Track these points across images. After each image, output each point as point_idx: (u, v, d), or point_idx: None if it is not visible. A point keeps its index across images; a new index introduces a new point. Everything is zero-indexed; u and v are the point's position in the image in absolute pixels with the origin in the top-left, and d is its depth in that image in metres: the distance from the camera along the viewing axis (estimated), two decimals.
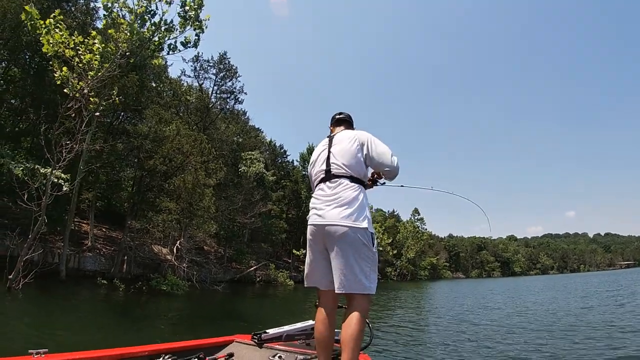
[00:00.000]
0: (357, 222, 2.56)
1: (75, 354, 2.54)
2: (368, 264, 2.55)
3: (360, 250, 2.54)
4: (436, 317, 16.02)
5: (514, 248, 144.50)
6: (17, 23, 18.10)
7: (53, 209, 17.93)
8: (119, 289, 17.96)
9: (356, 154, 2.79)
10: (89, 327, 9.85)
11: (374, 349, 8.72)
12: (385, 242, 50.77)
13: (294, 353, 3.19)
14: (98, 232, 23.43)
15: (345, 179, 2.72)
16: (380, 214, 63.63)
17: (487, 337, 10.77)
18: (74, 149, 14.06)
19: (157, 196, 22.08)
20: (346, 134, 2.94)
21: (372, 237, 2.62)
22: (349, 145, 2.82)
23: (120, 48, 16.84)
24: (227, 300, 20.95)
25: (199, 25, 18.99)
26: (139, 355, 2.80)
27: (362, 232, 2.55)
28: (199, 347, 3.19)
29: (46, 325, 9.18)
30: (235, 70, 32.46)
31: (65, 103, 14.15)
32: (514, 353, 8.46)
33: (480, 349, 9.09)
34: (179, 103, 29.82)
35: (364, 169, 2.85)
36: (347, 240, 2.53)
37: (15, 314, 10.39)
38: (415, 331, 12.12)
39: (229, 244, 33.64)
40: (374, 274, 2.58)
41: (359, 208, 2.61)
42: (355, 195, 2.65)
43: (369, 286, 2.52)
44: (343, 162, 2.77)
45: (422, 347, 9.48)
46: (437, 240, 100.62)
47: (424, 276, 74.78)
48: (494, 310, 17.93)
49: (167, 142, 21.27)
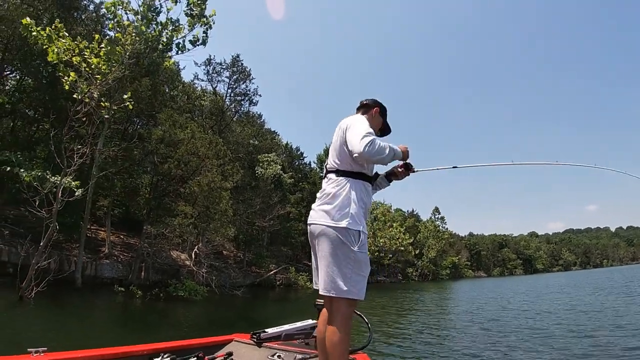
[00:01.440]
0: (334, 221, 2.41)
1: (75, 352, 2.50)
2: (349, 265, 2.37)
3: (339, 250, 2.38)
4: (457, 320, 15.07)
5: (536, 245, 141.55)
6: (24, 35, 17.92)
7: (68, 215, 17.52)
8: (136, 296, 17.42)
9: (340, 144, 2.60)
10: (103, 337, 9.26)
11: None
12: (406, 242, 49.63)
13: (293, 352, 3.18)
14: (116, 239, 23.00)
15: (332, 173, 2.60)
16: (399, 213, 62.32)
17: (512, 345, 9.88)
18: (85, 154, 13.59)
19: (173, 201, 21.62)
20: (342, 122, 2.70)
21: (357, 235, 2.41)
22: (336, 136, 2.66)
23: (127, 50, 16.52)
24: (247, 305, 20.36)
25: (206, 22, 18.60)
26: (138, 354, 2.77)
27: (342, 231, 2.38)
28: (198, 346, 3.15)
29: (56, 335, 8.65)
30: (248, 73, 31.97)
31: (74, 107, 13.72)
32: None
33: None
34: (193, 107, 29.41)
35: (349, 157, 2.56)
36: (325, 240, 2.42)
37: (23, 324, 9.80)
38: (434, 337, 11.32)
39: (248, 247, 33.06)
40: (356, 276, 2.38)
41: (340, 204, 2.44)
42: (335, 191, 2.49)
43: (348, 289, 2.33)
44: (332, 155, 2.65)
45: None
46: (458, 239, 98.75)
47: (445, 276, 73.18)
48: (520, 312, 16.76)
49: (182, 145, 20.82)
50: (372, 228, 45.46)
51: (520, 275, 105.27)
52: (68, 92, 14.34)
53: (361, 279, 2.41)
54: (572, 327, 11.48)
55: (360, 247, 2.41)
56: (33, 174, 13.46)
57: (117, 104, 16.96)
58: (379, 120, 2.91)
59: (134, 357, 2.75)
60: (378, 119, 2.90)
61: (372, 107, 2.90)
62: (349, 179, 2.53)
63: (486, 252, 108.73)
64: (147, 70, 20.70)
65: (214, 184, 20.73)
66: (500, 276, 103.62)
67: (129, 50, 16.42)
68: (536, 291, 29.60)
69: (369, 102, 2.92)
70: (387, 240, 45.30)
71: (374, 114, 2.87)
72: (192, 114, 28.86)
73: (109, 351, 2.65)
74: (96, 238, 21.58)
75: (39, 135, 22.07)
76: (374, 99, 2.95)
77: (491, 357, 8.17)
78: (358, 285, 2.38)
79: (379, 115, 2.91)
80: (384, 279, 56.88)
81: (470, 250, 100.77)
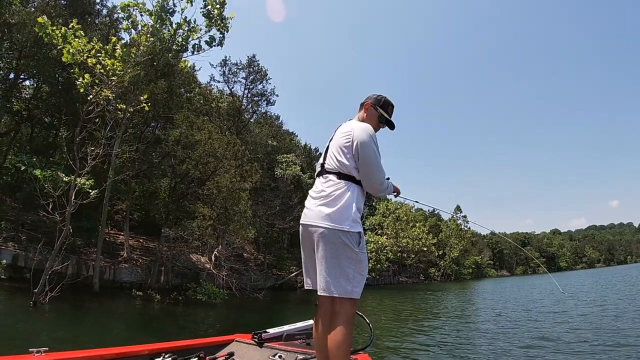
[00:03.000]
0: (337, 224, 2.41)
1: (76, 352, 2.47)
2: (351, 266, 2.39)
3: (340, 251, 2.39)
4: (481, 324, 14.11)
5: (559, 242, 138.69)
6: (38, 36, 17.75)
7: (85, 220, 17.11)
8: (154, 300, 16.82)
9: (346, 149, 2.58)
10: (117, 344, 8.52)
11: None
12: (429, 242, 48.27)
13: (294, 352, 3.15)
14: (135, 242, 22.53)
15: (333, 175, 2.58)
16: (420, 213, 60.92)
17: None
18: (98, 155, 13.02)
19: (192, 203, 21.10)
20: (347, 125, 2.73)
21: (358, 237, 2.44)
22: (342, 139, 2.62)
23: (142, 50, 16.09)
24: (268, 307, 19.72)
25: (224, 24, 18.03)
26: (139, 354, 2.73)
27: (345, 233, 2.39)
28: (200, 346, 3.11)
29: (68, 342, 8.03)
30: (265, 73, 31.30)
31: (86, 107, 13.19)
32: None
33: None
34: (210, 109, 28.92)
35: (353, 166, 2.57)
36: (326, 241, 2.41)
37: (32, 329, 9.20)
38: (455, 344, 10.41)
39: (268, 249, 32.46)
40: (359, 276, 2.41)
41: (342, 207, 2.45)
42: (339, 193, 2.49)
43: (350, 289, 2.37)
44: (335, 156, 2.63)
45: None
46: (480, 238, 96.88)
47: (467, 275, 71.42)
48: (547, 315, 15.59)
49: (199, 146, 20.30)
50: (394, 228, 44.38)
51: (543, 274, 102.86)
52: (83, 96, 13.90)
53: (362, 278, 2.43)
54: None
55: (360, 248, 2.43)
56: (46, 173, 12.96)
57: (133, 106, 16.56)
58: (372, 113, 2.88)
59: (135, 357, 2.70)
60: (372, 113, 2.88)
61: (364, 104, 2.91)
62: (350, 183, 2.53)
63: (509, 250, 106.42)
64: (162, 72, 20.32)
65: (233, 185, 20.13)
66: (523, 275, 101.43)
67: (143, 50, 16.00)
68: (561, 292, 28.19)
69: (364, 101, 2.94)
70: (410, 241, 44.12)
71: (367, 108, 2.88)
72: (210, 116, 28.37)
73: (110, 351, 2.61)
74: (115, 242, 21.13)
75: (55, 141, 21.85)
76: (370, 95, 2.96)
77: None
78: (360, 285, 2.41)
79: (372, 109, 2.88)
80: (405, 279, 55.74)
81: (493, 249, 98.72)
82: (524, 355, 8.26)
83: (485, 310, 18.45)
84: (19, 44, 18.68)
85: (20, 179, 17.49)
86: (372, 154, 2.57)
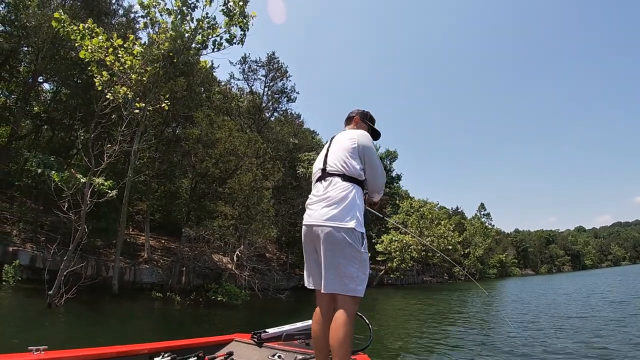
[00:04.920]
0: (342, 222, 2.44)
1: (75, 351, 2.43)
2: (355, 265, 2.42)
3: (346, 250, 2.41)
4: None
5: (584, 240, 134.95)
6: (56, 30, 17.41)
7: (104, 220, 16.57)
8: (174, 302, 16.13)
9: (352, 152, 2.66)
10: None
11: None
12: (455, 241, 46.74)
13: (293, 352, 3.12)
14: (156, 243, 21.95)
15: (337, 177, 2.61)
16: (444, 211, 59.25)
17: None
18: (115, 152, 12.36)
19: (213, 202, 20.45)
20: (348, 132, 2.83)
21: (361, 237, 2.47)
22: (347, 143, 2.70)
23: (162, 48, 15.59)
24: (290, 308, 18.99)
25: (245, 23, 17.34)
26: (138, 353, 2.67)
27: (349, 232, 2.42)
28: (199, 345, 3.05)
29: (77, 345, 7.21)
30: (285, 70, 30.65)
31: (100, 102, 12.57)
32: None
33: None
34: (230, 108, 28.31)
35: (359, 168, 2.65)
36: (331, 241, 2.43)
37: (42, 333, 8.46)
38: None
39: (290, 249, 31.63)
40: (362, 275, 2.45)
41: (347, 207, 2.48)
42: (345, 194, 2.52)
43: (354, 287, 2.40)
44: (338, 159, 2.66)
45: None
46: (504, 236, 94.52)
47: (492, 274, 69.33)
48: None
49: (220, 144, 19.65)
50: (418, 226, 43.11)
51: (569, 272, 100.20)
52: (101, 96, 13.36)
53: (365, 277, 2.46)
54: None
55: (364, 248, 2.48)
56: (63, 175, 12.37)
57: (152, 105, 16.01)
58: (363, 126, 3.04)
59: (135, 357, 2.66)
60: (362, 125, 3.04)
61: (353, 117, 3.09)
62: (354, 185, 2.58)
63: (533, 248, 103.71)
64: (182, 71, 19.77)
65: (255, 184, 19.41)
66: (548, 273, 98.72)
67: (163, 47, 15.46)
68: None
69: (351, 115, 3.12)
70: (435, 239, 42.79)
71: (357, 121, 3.06)
72: (230, 114, 27.78)
73: (109, 350, 2.56)
74: (136, 243, 20.56)
75: (75, 142, 21.56)
76: (357, 109, 3.14)
77: None
78: (363, 284, 2.44)
79: (362, 122, 3.06)
80: (429, 279, 54.41)
81: (517, 247, 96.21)
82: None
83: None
84: (36, 47, 18.38)
85: (39, 180, 17.12)
86: (376, 157, 2.74)
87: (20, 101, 19.94)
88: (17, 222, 16.17)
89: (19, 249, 14.52)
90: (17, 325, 9.15)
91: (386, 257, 41.88)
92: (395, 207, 47.69)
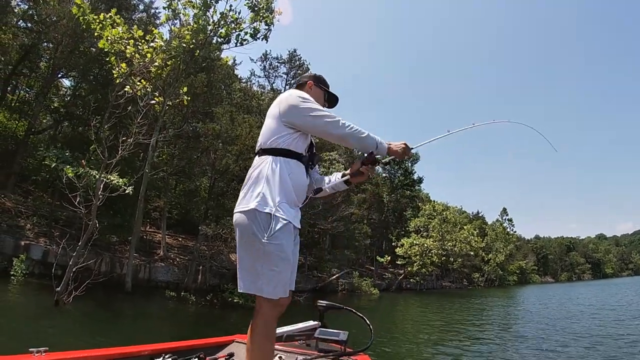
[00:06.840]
0: (244, 205, 1.99)
1: (76, 352, 2.33)
2: (259, 259, 1.92)
3: (247, 240, 1.95)
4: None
5: (605, 247, 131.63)
6: (73, 30, 17.01)
7: (120, 216, 15.98)
8: (189, 302, 15.41)
9: (274, 119, 2.17)
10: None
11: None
12: (478, 246, 45.26)
13: (294, 354, 2.98)
14: (173, 241, 21.34)
15: (255, 156, 2.19)
16: (464, 215, 57.70)
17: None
18: (129, 144, 11.69)
19: (231, 200, 19.77)
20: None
21: (267, 219, 1.93)
22: (270, 111, 2.25)
23: (183, 42, 15.01)
24: (308, 311, 18.09)
25: (271, 18, 16.63)
26: (139, 354, 2.56)
27: (250, 214, 1.94)
28: (199, 347, 2.92)
29: (79, 347, 6.47)
30: (307, 67, 30.02)
31: (115, 91, 11.97)
32: None
33: None
34: (250, 106, 27.68)
35: (283, 134, 2.13)
36: (239, 230, 1.99)
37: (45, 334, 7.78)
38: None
39: (309, 251, 30.68)
40: (268, 272, 1.91)
41: (252, 184, 2.04)
42: (254, 173, 2.08)
43: (260, 287, 1.91)
44: (261, 135, 2.24)
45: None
46: (524, 242, 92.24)
47: (512, 281, 67.31)
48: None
49: (240, 141, 18.99)
50: (439, 230, 41.88)
51: (589, 280, 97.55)
52: (117, 86, 12.84)
53: (274, 274, 1.92)
54: None
55: (270, 238, 1.91)
56: (77, 170, 11.77)
57: (172, 99, 15.42)
58: (317, 91, 2.47)
59: (135, 358, 2.52)
60: (316, 91, 2.46)
61: (306, 82, 2.49)
62: (269, 156, 2.09)
63: (554, 255, 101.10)
64: (202, 67, 19.19)
65: None
66: (568, 281, 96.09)
67: (186, 40, 14.84)
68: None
69: (304, 79, 2.53)
70: (457, 243, 41.53)
71: (310, 86, 2.46)
72: (250, 113, 27.16)
73: (110, 351, 2.43)
74: (152, 240, 19.97)
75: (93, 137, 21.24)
76: (308, 74, 2.59)
77: None
78: (271, 283, 1.92)
79: (316, 87, 2.48)
80: (449, 284, 52.95)
81: (537, 254, 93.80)
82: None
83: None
84: (55, 42, 18.10)
85: (55, 174, 16.71)
86: (308, 108, 2.13)
87: (40, 96, 19.59)
88: (31, 215, 15.65)
89: (31, 243, 13.98)
90: (20, 323, 8.53)
91: (406, 261, 40.84)
92: (415, 210, 46.52)
